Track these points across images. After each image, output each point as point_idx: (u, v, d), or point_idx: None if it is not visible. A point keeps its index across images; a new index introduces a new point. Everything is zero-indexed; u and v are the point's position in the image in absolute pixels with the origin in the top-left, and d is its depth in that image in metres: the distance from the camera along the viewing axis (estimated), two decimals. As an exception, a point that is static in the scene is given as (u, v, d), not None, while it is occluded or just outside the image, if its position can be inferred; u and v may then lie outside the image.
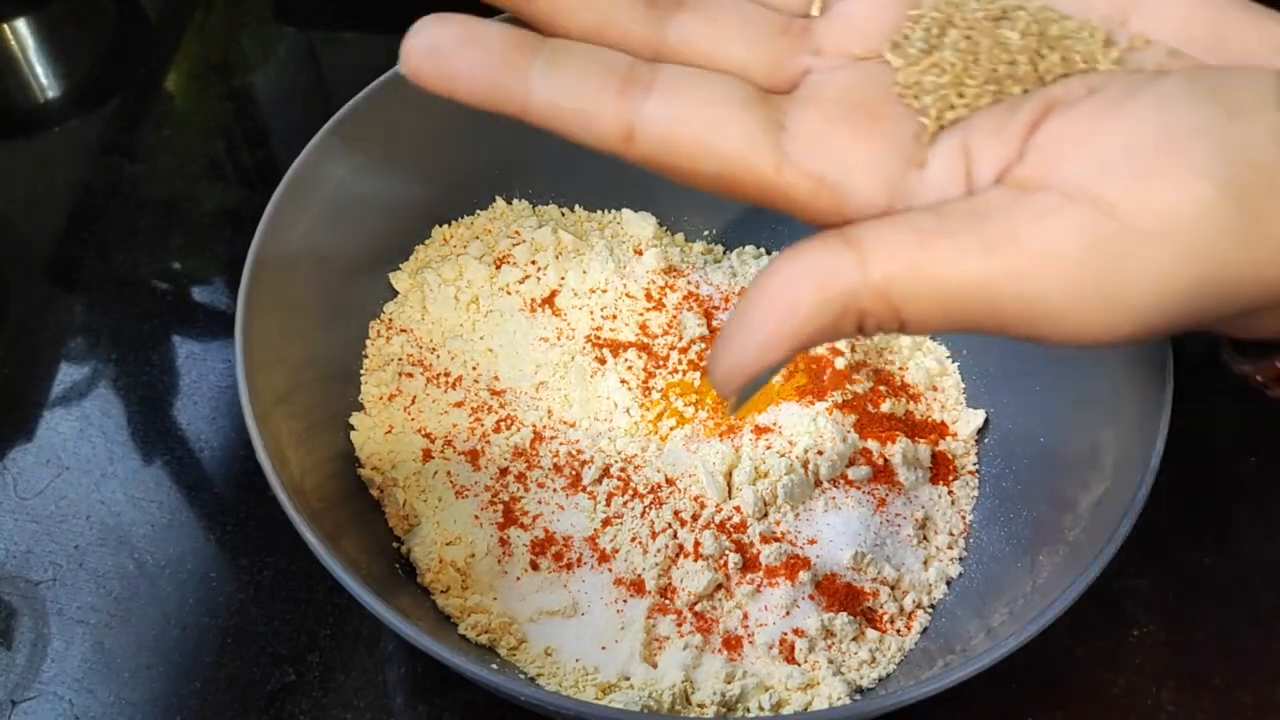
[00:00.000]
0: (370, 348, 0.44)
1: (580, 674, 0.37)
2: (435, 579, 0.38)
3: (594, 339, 0.44)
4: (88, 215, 0.54)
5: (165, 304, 0.51)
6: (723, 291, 0.46)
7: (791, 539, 0.39)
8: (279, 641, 0.40)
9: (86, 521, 0.43)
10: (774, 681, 0.37)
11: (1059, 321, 0.21)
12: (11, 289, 0.51)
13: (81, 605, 0.41)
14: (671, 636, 0.37)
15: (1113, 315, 0.21)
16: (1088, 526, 0.34)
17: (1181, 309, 0.21)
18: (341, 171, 0.41)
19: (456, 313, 0.45)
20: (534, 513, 0.40)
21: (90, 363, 0.48)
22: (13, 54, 0.60)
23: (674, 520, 0.39)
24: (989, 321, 0.21)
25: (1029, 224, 0.20)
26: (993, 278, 0.20)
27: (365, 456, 0.41)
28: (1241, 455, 0.45)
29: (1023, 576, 0.36)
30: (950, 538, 0.41)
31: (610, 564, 0.39)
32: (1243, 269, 0.20)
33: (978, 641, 0.35)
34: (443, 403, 0.43)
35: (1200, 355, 0.39)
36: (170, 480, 0.45)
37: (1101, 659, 0.40)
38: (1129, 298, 0.20)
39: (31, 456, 0.45)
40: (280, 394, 0.36)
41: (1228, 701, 0.39)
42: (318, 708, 0.39)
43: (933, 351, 0.46)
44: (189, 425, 0.46)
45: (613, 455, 0.41)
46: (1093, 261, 0.20)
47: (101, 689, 0.39)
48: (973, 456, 0.43)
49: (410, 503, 0.40)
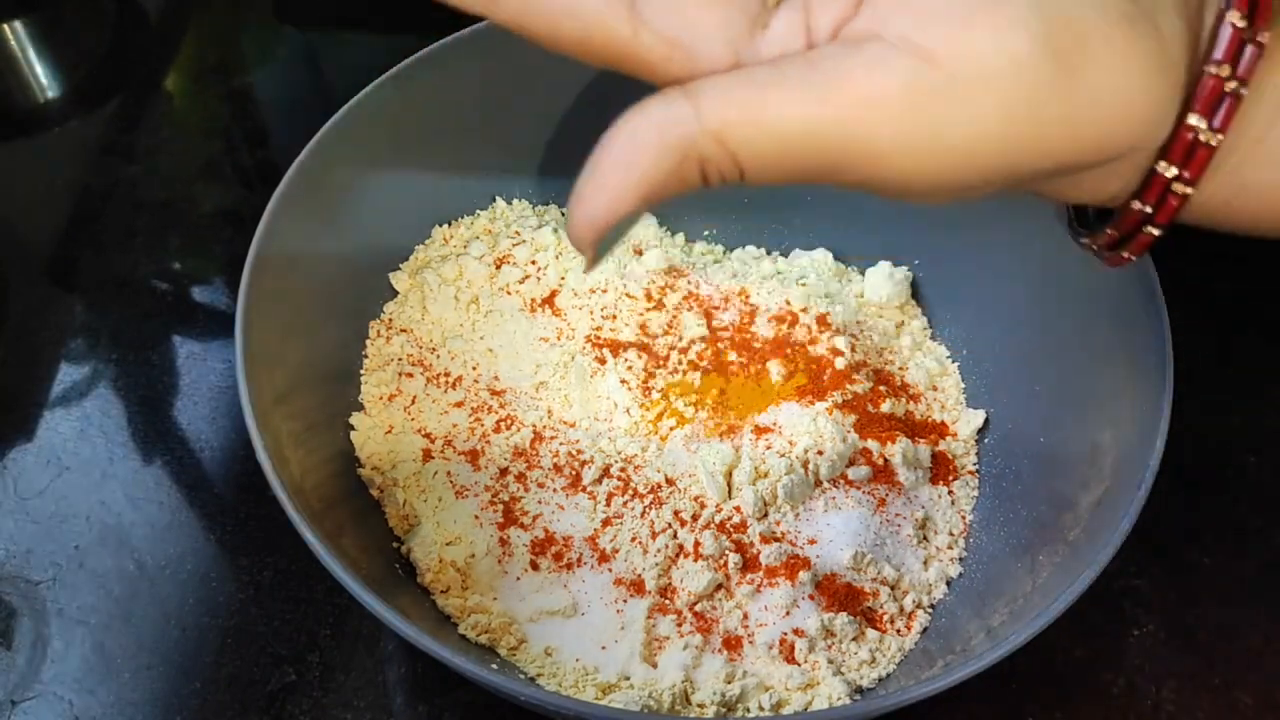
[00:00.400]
0: (370, 348, 0.44)
1: (580, 674, 0.37)
2: (435, 579, 0.38)
3: (594, 339, 0.44)
4: (87, 215, 0.54)
5: (165, 304, 0.51)
6: (723, 291, 0.46)
7: (791, 539, 0.39)
8: (279, 641, 0.40)
9: (86, 521, 0.43)
10: (774, 681, 0.37)
11: (883, 165, 0.22)
12: (11, 289, 0.51)
13: (81, 605, 0.41)
14: (671, 636, 0.37)
15: (933, 160, 0.22)
16: (1088, 526, 0.34)
17: (997, 158, 0.22)
18: (341, 171, 0.41)
19: (456, 313, 0.45)
20: (534, 513, 0.40)
21: (90, 363, 0.48)
22: (13, 54, 0.60)
23: (674, 520, 0.39)
24: (822, 167, 0.22)
25: (856, 72, 0.21)
26: (822, 122, 0.21)
27: (365, 456, 0.41)
28: (1241, 455, 0.45)
29: (1023, 576, 0.36)
30: (950, 538, 0.41)
31: (610, 564, 0.39)
32: (1054, 124, 0.21)
33: (978, 641, 0.35)
34: (443, 403, 0.43)
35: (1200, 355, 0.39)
36: (170, 480, 0.45)
37: (1101, 659, 0.40)
38: (946, 141, 0.21)
39: (31, 456, 0.45)
40: (280, 394, 0.36)
41: (1228, 701, 0.39)
42: (318, 708, 0.39)
43: (933, 351, 0.46)
44: (189, 425, 0.46)
45: (613, 455, 0.41)
46: (913, 106, 0.21)
47: (101, 689, 0.39)
48: (973, 456, 0.43)
49: (410, 503, 0.40)
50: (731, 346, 0.44)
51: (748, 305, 0.46)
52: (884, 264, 0.47)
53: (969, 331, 0.46)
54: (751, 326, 0.45)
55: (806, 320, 0.45)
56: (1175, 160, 0.23)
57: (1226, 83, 0.22)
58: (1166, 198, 0.23)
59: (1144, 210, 0.24)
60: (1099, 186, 0.24)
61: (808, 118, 0.21)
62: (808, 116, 0.21)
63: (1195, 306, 0.41)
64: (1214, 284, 0.50)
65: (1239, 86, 0.22)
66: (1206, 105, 0.22)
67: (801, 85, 0.21)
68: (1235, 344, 0.48)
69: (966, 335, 0.46)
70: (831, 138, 0.21)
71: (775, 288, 0.46)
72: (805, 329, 0.45)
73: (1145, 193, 0.23)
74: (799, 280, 0.47)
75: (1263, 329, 0.49)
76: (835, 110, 0.21)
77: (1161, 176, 0.23)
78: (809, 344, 0.44)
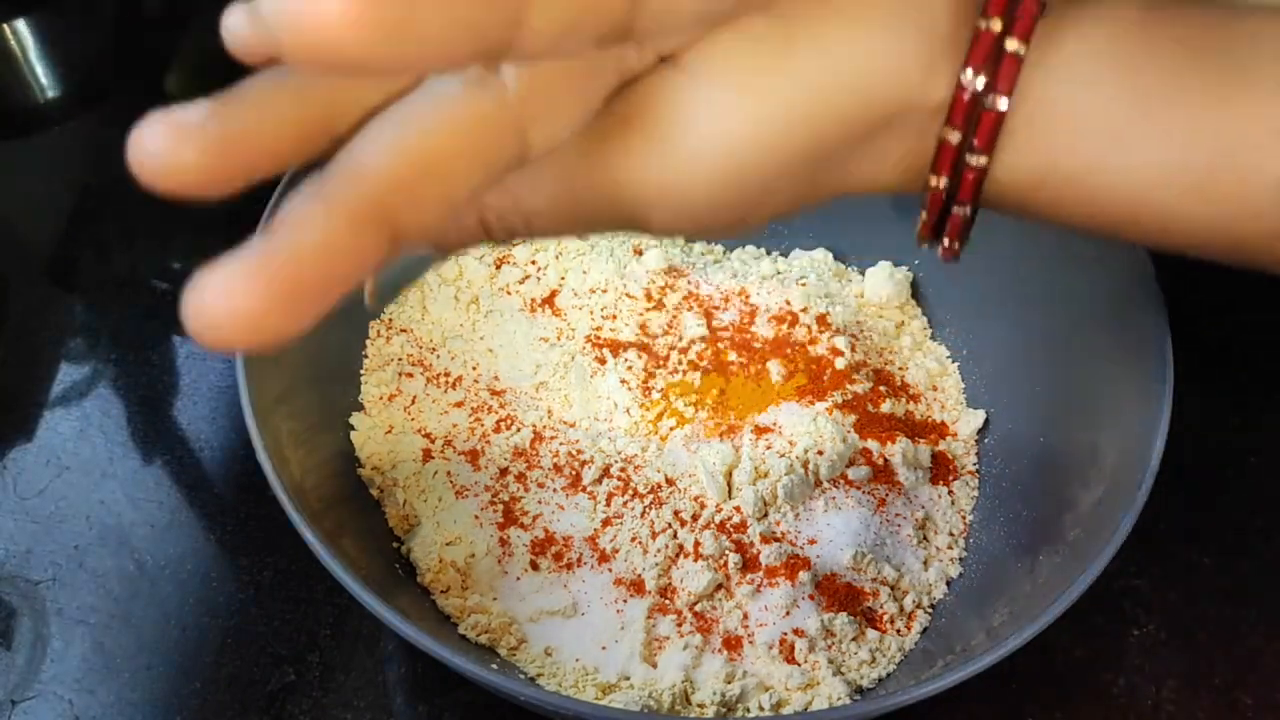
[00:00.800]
0: (370, 348, 0.44)
1: (580, 674, 0.37)
2: (435, 579, 0.38)
3: (594, 339, 0.44)
4: (88, 215, 0.54)
5: (165, 304, 0.51)
6: (723, 291, 0.46)
7: (791, 539, 0.39)
8: (279, 641, 0.40)
9: (86, 521, 0.43)
10: (774, 681, 0.37)
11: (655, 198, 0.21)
12: (11, 289, 0.51)
13: (81, 605, 0.41)
14: (671, 636, 0.37)
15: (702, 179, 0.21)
16: (1088, 526, 0.34)
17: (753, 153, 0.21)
18: (341, 171, 0.41)
19: (456, 313, 0.45)
20: (534, 513, 0.40)
21: (90, 363, 0.48)
22: (13, 54, 0.60)
23: (674, 520, 0.39)
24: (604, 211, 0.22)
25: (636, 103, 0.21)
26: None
27: (365, 456, 0.41)
28: (1241, 455, 0.45)
29: (1023, 576, 0.36)
30: (950, 538, 0.41)
31: (610, 564, 0.39)
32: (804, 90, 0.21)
33: (978, 641, 0.35)
34: (443, 403, 0.43)
35: (1200, 355, 0.39)
36: (170, 480, 0.45)
37: (1101, 659, 0.40)
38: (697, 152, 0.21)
39: (31, 456, 0.45)
40: (280, 394, 0.36)
41: (1228, 701, 0.39)
42: (318, 708, 0.39)
43: (933, 351, 0.46)
44: (189, 425, 0.46)
45: (613, 455, 0.41)
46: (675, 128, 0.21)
47: (101, 689, 0.39)
48: (973, 456, 0.43)
49: (410, 503, 0.40)
50: (731, 346, 0.44)
51: (748, 305, 0.46)
52: (884, 264, 0.47)
53: (969, 331, 0.46)
54: (751, 326, 0.45)
55: (806, 320, 0.45)
56: (957, 124, 0.21)
57: (1005, 40, 0.21)
58: (962, 170, 0.22)
59: (940, 186, 0.22)
60: (879, 166, 0.23)
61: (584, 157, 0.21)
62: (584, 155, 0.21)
63: (1196, 306, 0.40)
64: (1214, 283, 0.49)
65: (1020, 46, 0.21)
66: (980, 60, 0.21)
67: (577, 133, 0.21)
68: (1235, 344, 0.48)
69: (966, 335, 0.46)
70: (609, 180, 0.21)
71: (775, 288, 0.46)
72: (805, 329, 0.45)
73: (938, 164, 0.22)
74: (799, 280, 0.47)
75: (1263, 329, 0.49)
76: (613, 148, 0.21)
77: (948, 144, 0.22)
78: (809, 344, 0.44)
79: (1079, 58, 0.22)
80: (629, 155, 0.21)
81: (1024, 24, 0.21)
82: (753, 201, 0.22)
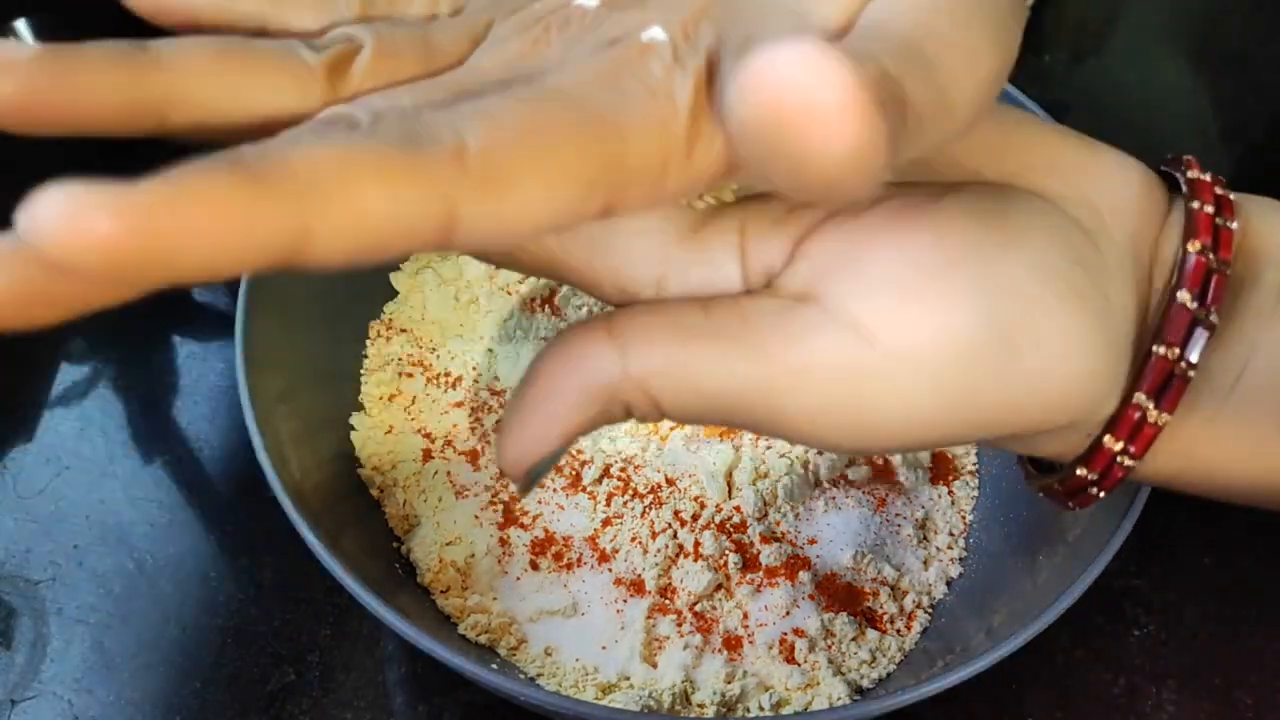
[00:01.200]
0: (370, 348, 0.44)
1: (580, 674, 0.37)
2: (435, 579, 0.38)
3: (594, 339, 0.44)
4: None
5: (165, 304, 0.50)
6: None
7: (791, 539, 0.39)
8: (279, 641, 0.40)
9: (86, 521, 0.43)
10: (774, 681, 0.37)
11: (805, 433, 0.21)
12: (11, 289, 0.51)
13: (81, 605, 0.41)
14: (671, 636, 0.37)
15: (858, 430, 0.20)
16: (1088, 526, 0.34)
17: (928, 434, 0.21)
18: (341, 171, 0.41)
19: (456, 313, 0.45)
20: (534, 513, 0.40)
21: (90, 363, 0.48)
22: (13, 54, 0.60)
23: (674, 520, 0.39)
24: (744, 423, 0.21)
25: (791, 339, 0.20)
26: (748, 383, 0.20)
27: (365, 456, 0.41)
28: (1241, 455, 0.45)
29: (1023, 576, 0.36)
30: (950, 538, 0.41)
31: (610, 564, 0.39)
32: (992, 403, 0.20)
33: (978, 641, 0.35)
34: (443, 403, 0.43)
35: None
36: (170, 480, 0.45)
37: (1101, 659, 0.40)
38: (875, 416, 0.20)
39: (31, 456, 0.45)
40: (280, 394, 0.36)
41: (1228, 701, 0.39)
42: (318, 708, 0.39)
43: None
44: (189, 425, 0.46)
45: (613, 455, 0.41)
46: (845, 380, 0.20)
47: (101, 689, 0.39)
48: (973, 457, 0.43)
49: (410, 503, 0.40)
50: (731, 346, 0.44)
51: (748, 305, 0.46)
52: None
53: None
54: (751, 326, 0.45)
55: (806, 320, 0.45)
56: (1121, 436, 0.22)
57: (1176, 365, 0.21)
58: (1112, 469, 0.23)
59: (1088, 476, 0.23)
60: (1039, 448, 0.23)
61: (734, 377, 0.20)
62: (734, 376, 0.20)
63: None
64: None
65: (1188, 369, 0.21)
66: (1153, 386, 0.21)
67: (732, 344, 0.20)
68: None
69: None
70: (756, 402, 0.20)
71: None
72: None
73: (1091, 461, 0.23)
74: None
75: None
76: (764, 375, 0.20)
77: (1108, 449, 0.22)
78: (809, 344, 0.44)
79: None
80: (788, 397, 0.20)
81: (1199, 352, 0.21)
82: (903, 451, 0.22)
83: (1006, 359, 0.20)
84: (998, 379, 0.20)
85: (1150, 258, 0.22)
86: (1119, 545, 0.31)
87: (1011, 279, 0.20)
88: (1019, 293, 0.20)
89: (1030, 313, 0.20)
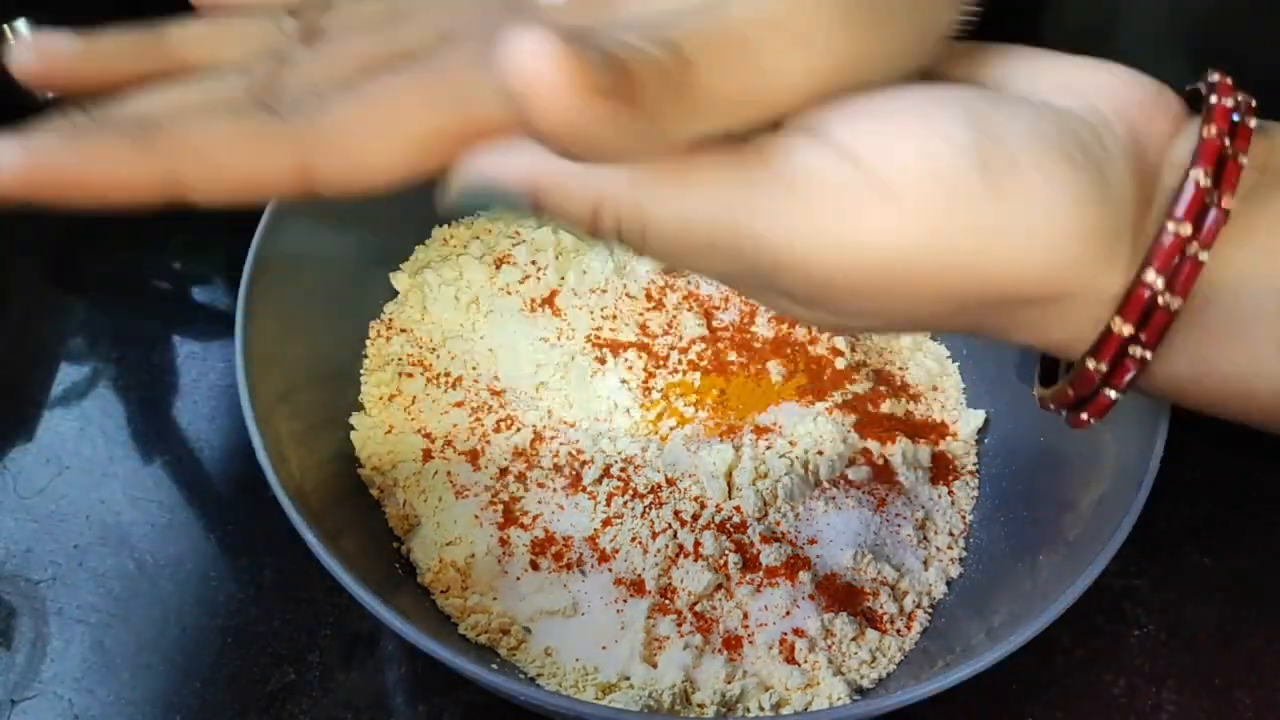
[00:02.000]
0: (370, 348, 0.44)
1: (580, 674, 0.37)
2: (435, 579, 0.38)
3: (594, 339, 0.44)
4: (87, 215, 0.54)
5: (165, 304, 0.51)
6: (722, 291, 0.46)
7: (792, 539, 0.39)
8: (279, 641, 0.40)
9: (86, 521, 0.43)
10: (774, 681, 0.37)
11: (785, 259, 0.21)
12: (12, 289, 0.51)
13: (81, 605, 0.41)
14: (671, 636, 0.37)
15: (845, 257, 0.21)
16: (1088, 526, 0.34)
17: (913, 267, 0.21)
18: (341, 171, 0.41)
19: (456, 313, 0.45)
20: (534, 513, 0.40)
21: (90, 363, 0.48)
22: (13, 54, 0.60)
23: (674, 520, 0.39)
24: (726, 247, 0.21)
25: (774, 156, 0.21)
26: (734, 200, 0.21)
27: (365, 456, 0.41)
28: (1242, 455, 0.45)
29: (1023, 576, 0.36)
30: (950, 538, 0.41)
31: (610, 564, 0.39)
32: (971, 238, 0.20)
33: (978, 641, 0.35)
34: (443, 403, 0.43)
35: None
36: (170, 480, 0.45)
37: (1101, 659, 0.40)
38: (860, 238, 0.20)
39: (31, 456, 0.45)
40: (280, 394, 0.36)
41: (1228, 701, 0.39)
42: (318, 708, 0.39)
43: (933, 351, 0.46)
44: (189, 425, 0.46)
45: (613, 455, 0.41)
46: (830, 198, 0.20)
47: (101, 689, 0.39)
48: (973, 457, 0.43)
49: (410, 503, 0.40)
50: (731, 346, 0.44)
51: (748, 305, 0.46)
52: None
53: (969, 331, 0.46)
54: (751, 326, 0.45)
55: (806, 320, 0.45)
56: (1130, 318, 0.22)
57: (1188, 243, 0.21)
58: (1123, 359, 0.22)
59: (1099, 369, 0.23)
60: (1041, 329, 0.23)
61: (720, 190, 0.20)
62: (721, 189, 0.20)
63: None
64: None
65: (1199, 250, 0.21)
66: (1165, 262, 0.21)
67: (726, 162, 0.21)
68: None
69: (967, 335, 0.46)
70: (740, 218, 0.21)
71: (775, 288, 0.46)
72: (805, 329, 0.45)
73: (1100, 350, 0.22)
74: (799, 280, 0.47)
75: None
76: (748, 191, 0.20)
77: (1117, 335, 0.22)
78: (809, 344, 0.44)
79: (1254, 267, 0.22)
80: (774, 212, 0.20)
81: (1211, 231, 0.21)
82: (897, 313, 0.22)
83: (989, 195, 0.20)
84: (976, 211, 0.20)
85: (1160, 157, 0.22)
86: (1119, 545, 0.31)
87: (1001, 128, 0.21)
88: (1006, 140, 0.21)
89: (1016, 160, 0.20)
